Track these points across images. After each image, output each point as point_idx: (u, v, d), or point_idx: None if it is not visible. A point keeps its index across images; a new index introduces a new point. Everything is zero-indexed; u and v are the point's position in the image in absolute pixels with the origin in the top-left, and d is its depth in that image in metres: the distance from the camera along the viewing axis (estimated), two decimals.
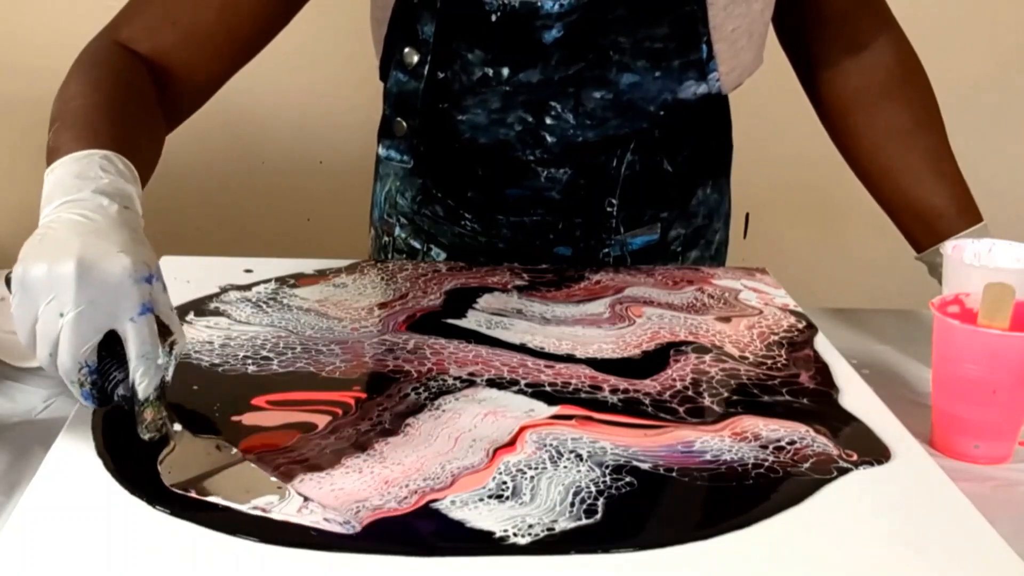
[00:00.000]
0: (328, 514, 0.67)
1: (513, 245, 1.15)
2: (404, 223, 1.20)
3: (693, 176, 1.17)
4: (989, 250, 1.02)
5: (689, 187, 1.17)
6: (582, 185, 1.12)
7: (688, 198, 1.18)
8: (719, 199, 1.23)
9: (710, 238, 1.23)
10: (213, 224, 2.10)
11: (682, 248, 1.20)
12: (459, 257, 1.17)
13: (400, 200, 1.20)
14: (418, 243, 1.19)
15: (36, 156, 1.15)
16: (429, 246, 1.18)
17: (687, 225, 1.19)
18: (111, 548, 0.64)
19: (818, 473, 0.75)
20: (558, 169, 1.11)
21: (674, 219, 1.18)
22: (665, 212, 1.16)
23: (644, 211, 1.15)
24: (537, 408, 0.82)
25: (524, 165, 1.11)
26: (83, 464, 0.72)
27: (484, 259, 1.16)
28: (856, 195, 1.30)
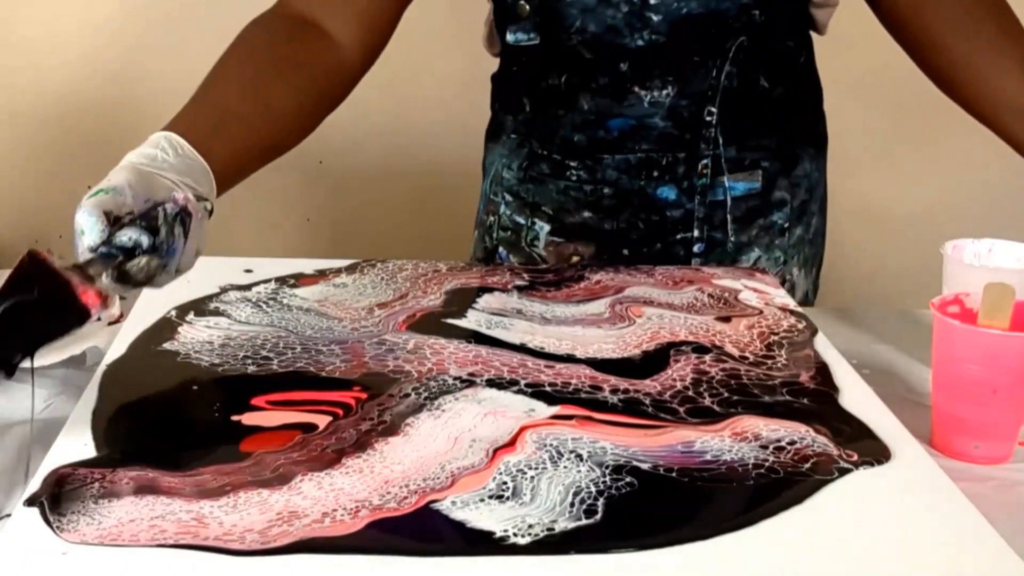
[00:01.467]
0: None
1: (618, 189, 1.16)
2: (509, 199, 1.23)
3: (790, 127, 1.18)
4: (989, 250, 1.02)
5: (788, 141, 1.18)
6: (684, 106, 1.13)
7: (791, 160, 1.19)
8: (818, 177, 1.24)
9: (809, 220, 1.24)
10: (213, 224, 2.10)
11: (788, 223, 1.20)
12: (563, 224, 1.19)
13: (506, 174, 1.23)
14: (522, 218, 1.22)
15: (36, 156, 1.15)
16: (533, 220, 1.21)
17: (792, 194, 1.20)
18: (112, 549, 0.64)
19: (818, 473, 0.75)
20: (661, 89, 1.12)
21: (776, 176, 1.18)
22: (766, 162, 1.17)
23: (744, 150, 1.16)
24: (537, 408, 0.82)
25: (624, 80, 1.11)
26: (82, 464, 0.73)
27: (589, 213, 1.18)
28: (856, 195, 1.31)
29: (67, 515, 0.67)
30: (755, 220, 1.19)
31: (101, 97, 2.00)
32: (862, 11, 1.22)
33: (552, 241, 1.21)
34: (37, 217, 2.04)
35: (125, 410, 0.82)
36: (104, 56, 2.00)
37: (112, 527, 0.66)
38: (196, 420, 0.81)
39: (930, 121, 2.11)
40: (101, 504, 0.68)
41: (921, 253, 1.42)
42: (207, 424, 0.80)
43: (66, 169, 2.02)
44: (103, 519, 0.66)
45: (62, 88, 2.00)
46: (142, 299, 1.02)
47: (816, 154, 1.24)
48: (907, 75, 1.24)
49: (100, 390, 0.83)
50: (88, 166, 1.09)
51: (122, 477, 0.71)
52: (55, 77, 2.00)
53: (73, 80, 2.00)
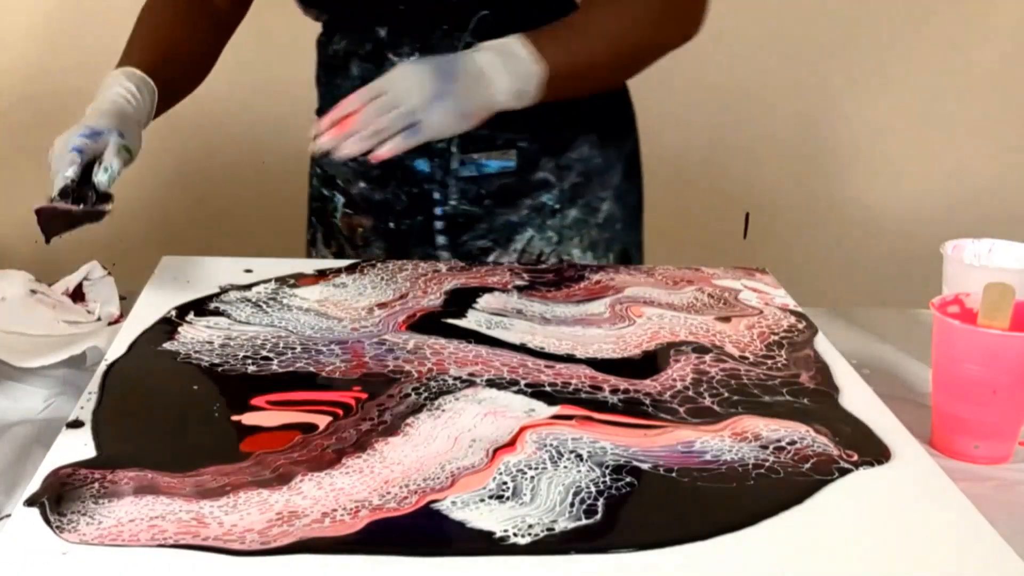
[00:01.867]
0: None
1: (384, 162, 1.13)
2: (318, 172, 1.31)
3: (548, 110, 1.17)
4: (989, 250, 1.02)
5: (549, 124, 1.19)
6: None
7: (558, 144, 1.21)
8: (603, 166, 1.25)
9: (593, 204, 1.25)
10: (213, 224, 2.10)
11: (559, 205, 1.22)
12: (351, 197, 1.25)
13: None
14: (326, 190, 1.30)
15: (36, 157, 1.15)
16: (333, 192, 1.28)
17: (559, 176, 1.22)
18: (111, 549, 0.64)
19: (819, 473, 0.75)
20: (409, 57, 1.14)
21: (537, 157, 1.20)
22: (523, 143, 1.19)
23: (494, 129, 1.15)
24: (537, 408, 0.82)
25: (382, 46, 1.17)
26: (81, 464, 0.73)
27: (364, 184, 1.23)
28: (856, 195, 1.31)
29: (67, 515, 0.67)
30: (519, 200, 1.21)
31: None
32: (860, 12, 1.22)
33: (345, 212, 1.27)
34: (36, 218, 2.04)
35: (125, 410, 0.82)
36: (104, 56, 2.00)
37: (112, 527, 0.66)
38: (196, 420, 0.81)
39: (930, 121, 2.11)
40: (101, 504, 0.68)
41: (921, 253, 1.42)
42: (207, 424, 0.80)
43: None
44: (103, 519, 0.66)
45: (62, 88, 2.00)
46: (142, 299, 1.02)
47: (601, 142, 1.25)
48: (907, 75, 1.24)
49: (100, 390, 0.83)
50: None
51: (122, 477, 0.71)
52: (55, 77, 2.00)
53: (73, 80, 2.00)
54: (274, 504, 0.69)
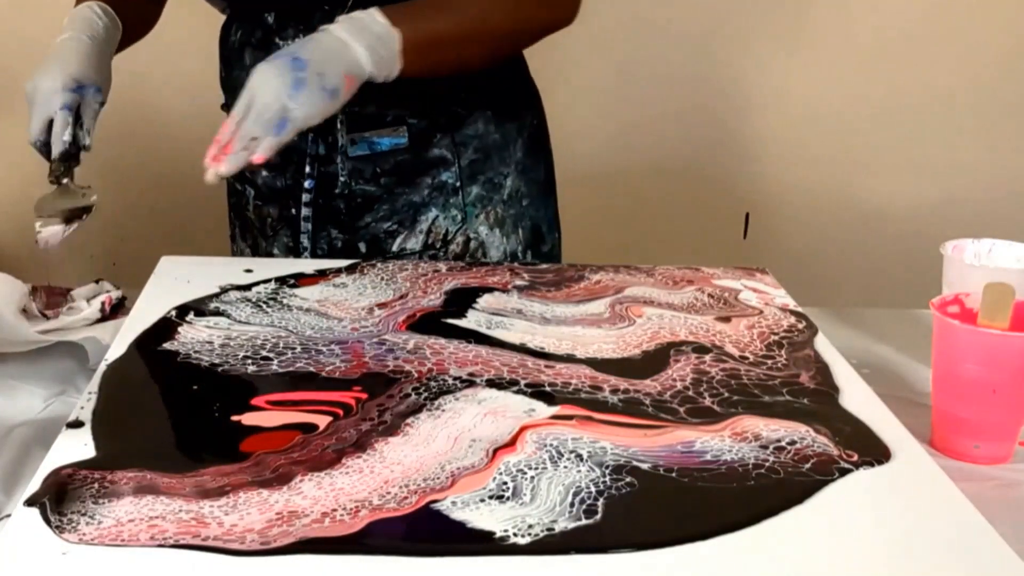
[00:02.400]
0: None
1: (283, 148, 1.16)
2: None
3: (437, 87, 1.19)
4: (989, 250, 1.02)
5: (439, 101, 1.20)
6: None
7: (451, 121, 1.22)
8: (502, 141, 1.26)
9: (496, 180, 1.25)
10: (213, 224, 2.10)
11: (460, 183, 1.23)
12: (257, 188, 1.26)
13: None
14: (238, 184, 1.31)
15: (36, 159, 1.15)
16: (244, 186, 1.29)
17: (456, 152, 1.22)
18: (111, 549, 0.64)
19: (819, 474, 0.75)
20: (295, 36, 1.15)
21: (430, 134, 1.21)
22: (413, 119, 1.20)
23: (382, 107, 1.18)
24: (537, 408, 0.82)
25: (270, 32, 1.18)
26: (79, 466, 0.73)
27: (267, 172, 1.24)
28: (856, 195, 1.31)
29: (67, 515, 0.67)
30: (420, 179, 1.22)
31: None
32: (859, 12, 1.22)
33: (256, 205, 1.28)
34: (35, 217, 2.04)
35: (125, 410, 0.82)
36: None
37: (112, 527, 0.66)
38: (196, 420, 0.81)
39: (930, 121, 2.11)
40: (101, 504, 0.68)
41: (921, 253, 1.42)
42: (207, 424, 0.80)
43: None
44: (103, 519, 0.66)
45: None
46: (142, 299, 1.02)
47: (497, 117, 1.26)
48: (906, 76, 1.24)
49: (100, 390, 0.83)
50: (88, 166, 1.09)
51: (122, 477, 0.71)
52: None
53: None
54: (274, 504, 0.69)
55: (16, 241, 2.03)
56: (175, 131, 2.03)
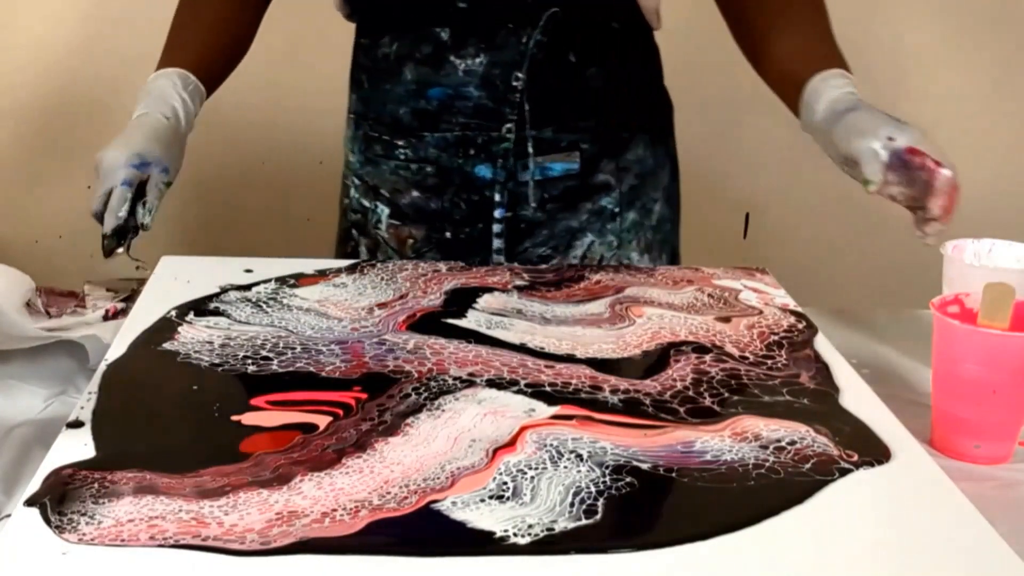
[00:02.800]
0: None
1: (439, 167, 1.19)
2: (357, 183, 1.28)
3: (612, 110, 1.20)
4: (989, 250, 1.02)
5: (611, 125, 1.20)
6: (496, 74, 1.15)
7: (617, 145, 1.21)
8: (655, 167, 1.26)
9: (648, 205, 1.25)
10: (213, 224, 2.10)
11: (619, 208, 1.22)
12: (398, 206, 1.23)
13: (351, 157, 1.28)
14: (367, 201, 1.26)
15: (36, 156, 1.16)
16: (376, 203, 1.25)
17: (618, 178, 1.22)
18: (111, 549, 0.64)
19: (819, 474, 0.75)
20: (474, 58, 1.15)
21: (598, 159, 1.20)
22: (586, 144, 1.19)
23: (560, 132, 1.18)
24: (537, 408, 0.82)
25: (442, 49, 1.15)
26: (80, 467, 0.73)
27: (417, 192, 1.21)
28: (856, 195, 1.30)
29: (67, 515, 0.67)
30: (581, 204, 1.21)
31: (101, 97, 2.00)
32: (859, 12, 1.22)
33: (391, 224, 1.24)
34: (37, 217, 2.04)
35: (125, 410, 0.82)
36: (104, 57, 2.00)
37: (112, 527, 0.66)
38: (196, 420, 0.81)
39: (929, 122, 2.11)
40: (101, 504, 0.68)
41: (921, 253, 1.41)
42: (207, 424, 0.80)
43: (66, 169, 2.02)
44: (103, 519, 0.66)
45: (62, 88, 2.00)
46: (142, 299, 1.02)
47: (654, 142, 1.26)
48: (905, 77, 1.24)
49: (100, 390, 0.83)
50: (88, 166, 1.09)
51: (122, 477, 0.71)
52: (55, 77, 2.00)
53: (73, 80, 2.00)
54: (274, 504, 0.69)
55: (16, 241, 2.03)
56: None
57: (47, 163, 2.02)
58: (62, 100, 2.00)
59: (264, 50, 1.25)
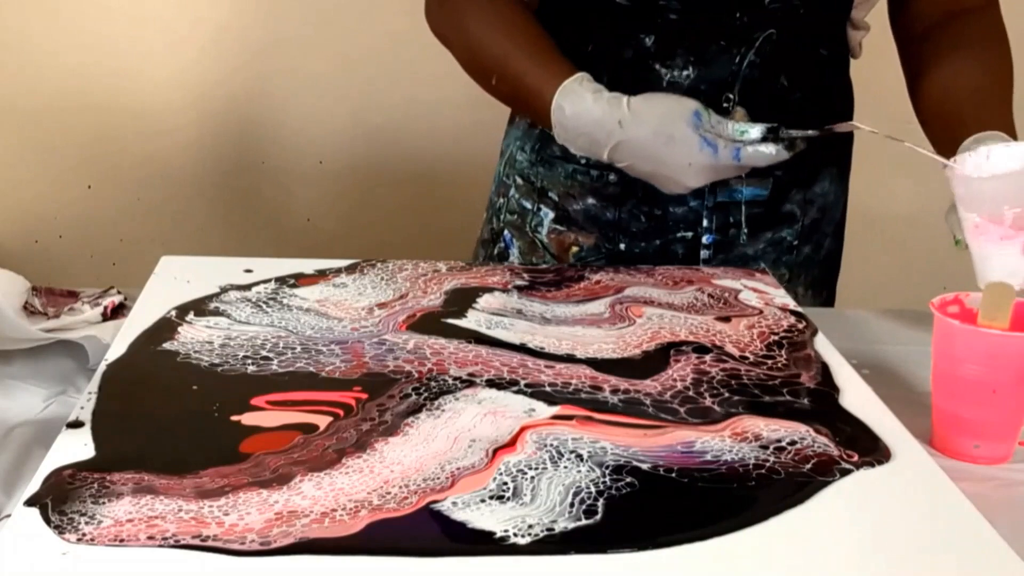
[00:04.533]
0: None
1: (623, 176, 1.13)
2: (519, 183, 1.24)
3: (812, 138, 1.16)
4: (987, 158, 0.98)
5: (808, 154, 1.12)
6: (703, 90, 1.11)
7: (809, 176, 1.18)
8: (835, 200, 1.23)
9: (821, 241, 1.23)
10: (213, 224, 2.10)
11: (798, 241, 1.20)
12: (566, 212, 1.20)
13: (519, 156, 1.24)
14: (529, 202, 1.23)
15: (36, 156, 1.15)
16: (539, 205, 1.22)
17: (803, 211, 1.19)
18: (111, 549, 0.64)
19: (819, 474, 0.75)
20: (681, 70, 1.11)
21: (788, 188, 1.18)
22: (780, 171, 1.14)
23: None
24: (537, 408, 0.82)
25: (647, 57, 1.11)
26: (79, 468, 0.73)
27: (593, 200, 1.18)
28: (856, 195, 1.30)
29: (67, 515, 0.67)
30: (762, 232, 1.18)
31: (101, 97, 2.00)
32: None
33: (554, 229, 1.21)
34: (37, 217, 2.04)
35: (125, 410, 0.82)
36: (104, 57, 2.00)
37: (112, 527, 0.66)
38: (196, 420, 0.81)
39: None
40: (101, 504, 0.68)
41: (921, 253, 1.42)
42: (207, 424, 0.80)
43: (66, 169, 2.02)
44: (103, 519, 0.66)
45: (62, 88, 2.00)
46: (142, 299, 1.02)
47: (838, 175, 1.23)
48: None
49: (100, 390, 0.83)
50: (88, 166, 1.09)
51: (121, 477, 0.71)
52: (55, 77, 2.00)
53: (74, 80, 2.00)
54: (274, 504, 0.69)
55: (16, 241, 2.03)
56: (176, 131, 2.03)
57: (47, 163, 2.02)
58: (62, 100, 2.00)
59: (265, 50, 1.25)
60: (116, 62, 1.99)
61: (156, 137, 2.02)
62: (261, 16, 1.97)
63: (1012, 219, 0.93)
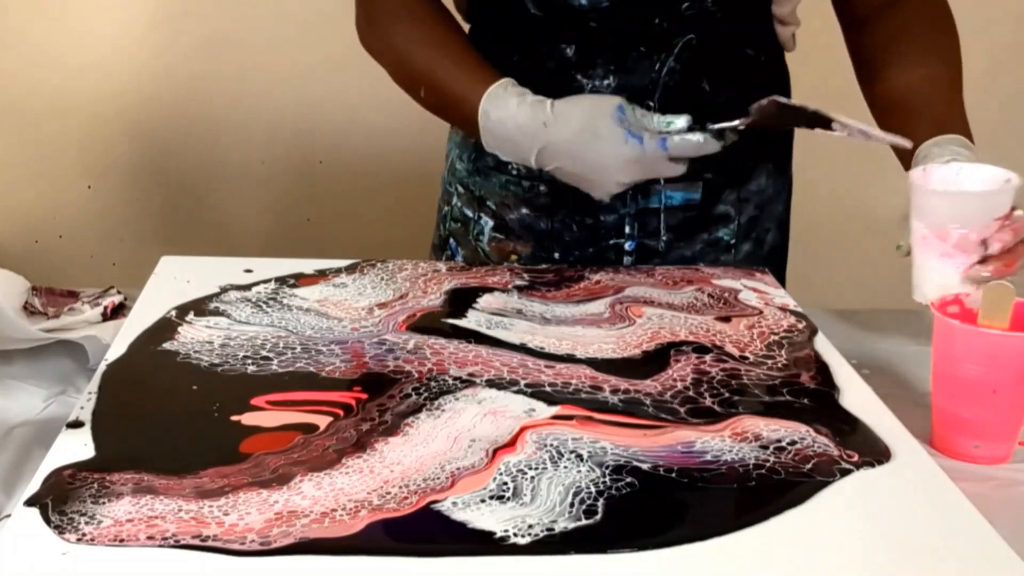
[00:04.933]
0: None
1: (554, 188, 1.15)
2: (461, 191, 1.24)
3: (741, 139, 1.14)
4: (957, 174, 0.98)
5: (738, 155, 1.12)
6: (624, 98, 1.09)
7: (741, 175, 1.18)
8: (773, 196, 1.23)
9: (761, 236, 1.23)
10: (213, 224, 2.10)
11: (735, 240, 1.20)
12: (504, 221, 1.20)
13: (459, 165, 1.24)
14: (470, 211, 1.23)
15: (36, 159, 1.15)
16: (479, 214, 1.22)
17: (738, 210, 1.19)
18: (111, 549, 0.64)
19: (819, 474, 0.75)
20: (603, 79, 1.11)
21: (720, 189, 1.17)
22: (709, 173, 1.15)
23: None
24: (537, 408, 0.82)
25: (568, 67, 1.11)
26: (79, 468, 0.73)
27: (527, 210, 1.18)
28: (856, 195, 1.30)
29: (67, 515, 0.67)
30: (697, 234, 1.18)
31: (101, 97, 2.00)
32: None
33: (494, 237, 1.21)
34: (37, 217, 2.04)
35: (125, 410, 0.82)
36: (104, 57, 2.00)
37: (112, 527, 0.66)
38: (196, 420, 0.81)
39: None
40: (101, 504, 0.68)
41: None
42: (207, 424, 0.80)
43: (66, 169, 2.02)
44: (103, 519, 0.66)
45: (63, 88, 2.00)
46: (142, 299, 1.02)
47: (775, 170, 1.23)
48: None
49: (100, 390, 0.83)
50: (88, 166, 1.09)
51: (121, 478, 0.71)
52: (56, 77, 2.00)
53: (74, 80, 2.00)
54: (274, 504, 0.69)
55: (16, 241, 2.03)
56: (176, 132, 2.03)
57: (47, 163, 2.02)
58: (62, 100, 2.00)
59: (264, 50, 1.25)
60: (116, 62, 2.00)
61: (156, 137, 2.02)
62: (261, 17, 1.97)
63: (956, 239, 0.93)
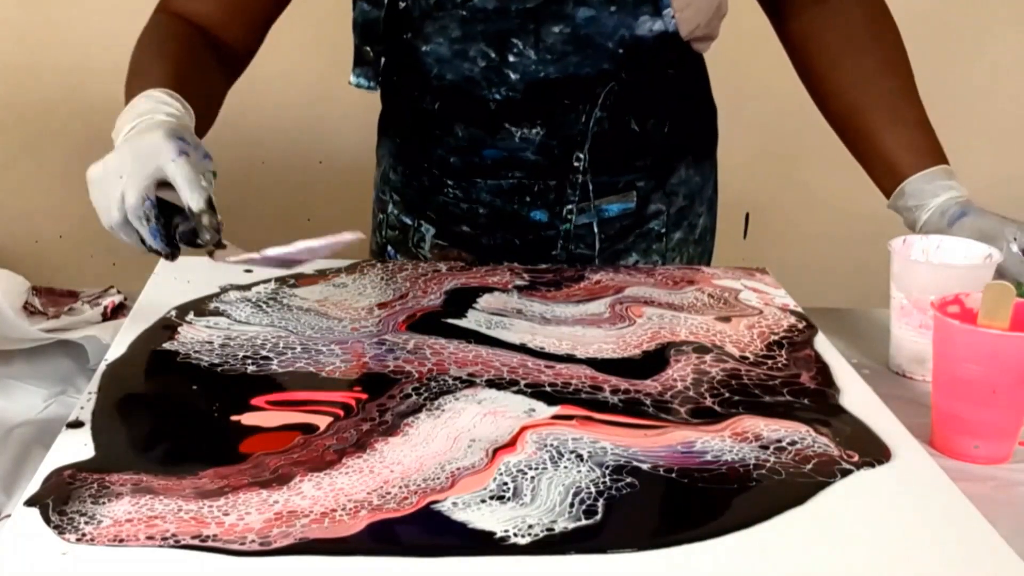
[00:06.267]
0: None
1: (492, 210, 1.17)
2: (396, 199, 1.24)
3: (667, 146, 1.18)
4: (937, 247, 1.02)
5: (664, 158, 1.19)
6: (554, 145, 1.13)
7: (666, 173, 1.20)
8: (701, 183, 1.24)
9: (693, 221, 1.24)
10: None
11: (665, 229, 1.21)
12: (447, 228, 1.20)
13: (392, 175, 1.24)
14: (409, 219, 1.23)
15: (36, 159, 1.15)
16: (420, 221, 1.22)
17: (668, 203, 1.21)
18: (111, 549, 0.64)
19: (820, 474, 0.75)
20: (531, 128, 1.13)
21: (651, 191, 1.19)
22: (641, 181, 1.18)
23: (617, 175, 1.17)
24: (537, 408, 0.82)
25: (495, 117, 1.12)
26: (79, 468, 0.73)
27: (467, 228, 1.19)
28: (856, 195, 1.30)
29: (67, 515, 0.67)
30: (631, 232, 1.20)
31: (100, 97, 2.00)
32: None
33: (437, 244, 1.21)
34: (37, 217, 2.04)
35: (125, 410, 0.82)
36: (104, 56, 2.00)
37: (111, 527, 0.66)
38: (196, 420, 0.81)
39: (931, 121, 2.11)
40: (100, 504, 0.68)
41: None
42: (207, 424, 0.80)
43: (66, 169, 2.02)
44: (103, 519, 0.66)
45: (63, 88, 2.00)
46: (142, 299, 1.02)
47: (695, 160, 1.24)
48: None
49: (100, 390, 0.83)
50: (88, 166, 1.08)
51: (121, 477, 0.71)
52: (56, 77, 2.00)
53: (74, 80, 2.00)
54: (274, 504, 0.69)
55: (16, 241, 2.03)
56: None
57: (47, 163, 2.02)
58: (62, 100, 2.00)
59: (264, 50, 1.25)
60: (116, 62, 1.99)
61: None
62: None
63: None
